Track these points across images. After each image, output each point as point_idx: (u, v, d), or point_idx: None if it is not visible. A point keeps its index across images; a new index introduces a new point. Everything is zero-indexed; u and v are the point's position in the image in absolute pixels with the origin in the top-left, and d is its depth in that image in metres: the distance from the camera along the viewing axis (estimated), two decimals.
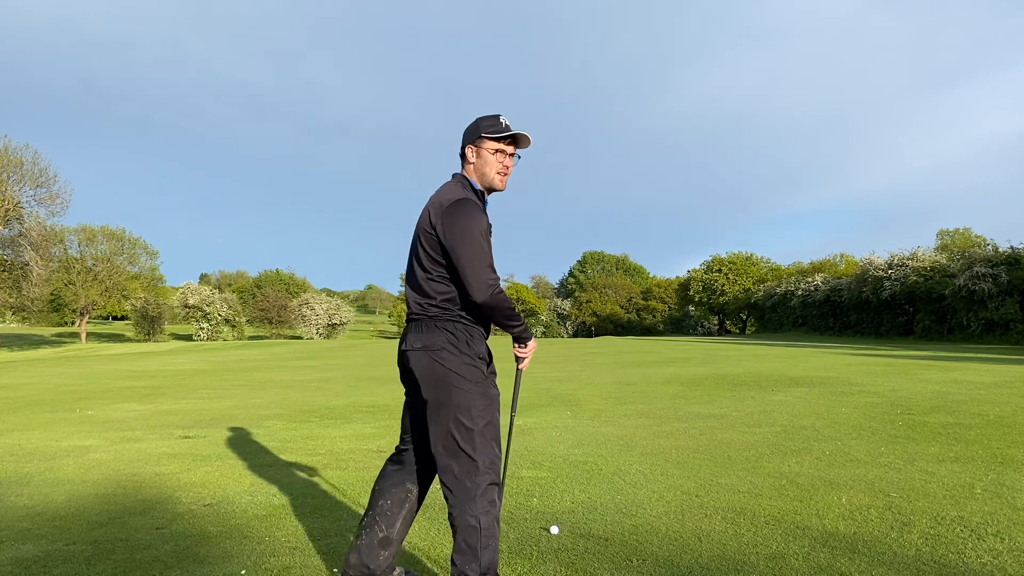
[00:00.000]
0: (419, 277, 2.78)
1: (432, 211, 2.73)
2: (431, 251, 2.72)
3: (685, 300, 71.37)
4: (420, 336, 2.74)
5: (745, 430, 6.84)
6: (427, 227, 2.73)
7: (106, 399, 11.20)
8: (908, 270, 39.27)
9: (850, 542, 3.50)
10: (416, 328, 2.77)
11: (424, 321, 2.76)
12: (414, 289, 2.81)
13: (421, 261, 2.76)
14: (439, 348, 2.70)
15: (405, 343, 2.79)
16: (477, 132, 2.82)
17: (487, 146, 2.81)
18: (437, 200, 2.76)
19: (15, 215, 40.44)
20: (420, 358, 2.72)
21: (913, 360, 16.89)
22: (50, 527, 3.95)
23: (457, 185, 2.81)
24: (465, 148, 2.85)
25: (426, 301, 2.76)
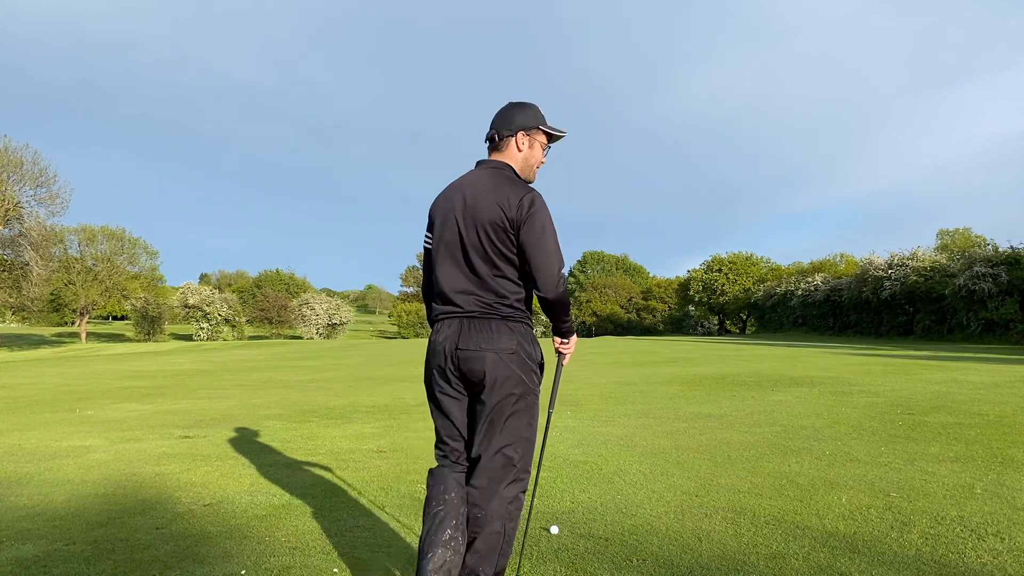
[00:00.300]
0: (483, 273, 2.60)
1: (504, 205, 2.56)
2: (502, 246, 2.58)
3: (685, 300, 71.36)
4: (489, 337, 2.57)
5: (745, 430, 6.84)
6: (499, 221, 2.56)
7: (106, 399, 11.20)
8: (908, 270, 39.27)
9: (850, 542, 3.50)
10: (480, 328, 2.58)
11: (494, 321, 2.60)
12: (474, 285, 2.61)
13: (488, 256, 2.59)
14: (512, 352, 2.59)
15: (464, 342, 2.58)
16: (536, 121, 2.74)
17: (540, 139, 2.75)
18: (502, 193, 2.59)
19: (15, 215, 40.47)
20: (490, 360, 2.56)
21: (913, 360, 16.89)
22: (50, 527, 3.95)
23: (511, 175, 2.70)
24: (517, 134, 2.72)
25: (496, 300, 2.61)
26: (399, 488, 4.72)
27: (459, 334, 2.61)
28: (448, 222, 2.67)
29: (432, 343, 2.71)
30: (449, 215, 2.67)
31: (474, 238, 2.60)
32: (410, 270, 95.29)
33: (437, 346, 2.67)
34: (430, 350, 2.72)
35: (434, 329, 2.73)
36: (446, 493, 2.62)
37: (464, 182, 2.72)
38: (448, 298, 2.65)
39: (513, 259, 2.61)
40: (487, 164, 2.75)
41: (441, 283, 2.67)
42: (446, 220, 2.68)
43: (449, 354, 2.62)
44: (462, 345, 2.59)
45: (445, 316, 2.67)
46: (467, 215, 2.61)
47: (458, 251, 2.64)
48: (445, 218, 2.68)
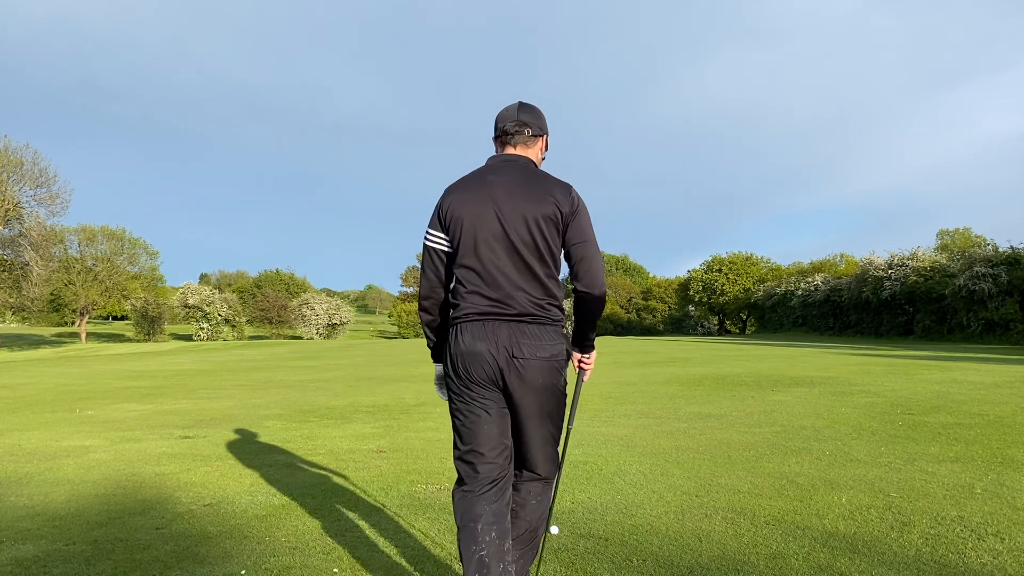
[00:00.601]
0: (537, 272, 2.45)
1: (555, 198, 2.45)
2: (552, 243, 2.47)
3: (685, 300, 71.38)
4: (542, 345, 2.44)
5: (745, 430, 6.84)
6: (551, 215, 2.44)
7: (106, 399, 11.20)
8: (908, 270, 39.28)
9: (850, 542, 3.50)
10: (535, 333, 2.44)
11: (547, 326, 2.47)
12: (526, 284, 2.45)
13: (540, 253, 2.45)
14: (563, 358, 2.52)
15: (518, 349, 2.42)
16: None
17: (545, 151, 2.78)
18: (550, 186, 2.49)
19: (15, 215, 40.46)
20: (547, 368, 2.45)
21: (913, 360, 16.89)
22: (50, 527, 3.95)
23: (543, 170, 2.64)
24: (545, 136, 2.70)
25: (548, 301, 2.48)
26: (399, 488, 4.71)
27: (511, 339, 2.43)
28: (486, 217, 2.46)
29: (467, 346, 2.46)
30: (487, 209, 2.46)
31: (525, 233, 2.44)
32: (410, 270, 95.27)
33: (477, 350, 2.43)
34: (464, 354, 2.46)
35: (464, 331, 2.48)
36: (486, 534, 2.40)
37: (496, 175, 2.53)
38: (491, 297, 2.45)
39: (559, 257, 2.51)
40: (514, 158, 2.60)
41: (482, 281, 2.46)
42: (483, 215, 2.46)
43: (500, 360, 2.43)
44: (517, 353, 2.42)
45: (485, 318, 2.45)
46: (514, 209, 2.44)
47: (504, 248, 2.45)
48: (481, 213, 2.46)
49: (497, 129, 2.65)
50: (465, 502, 2.49)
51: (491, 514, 2.44)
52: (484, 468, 2.49)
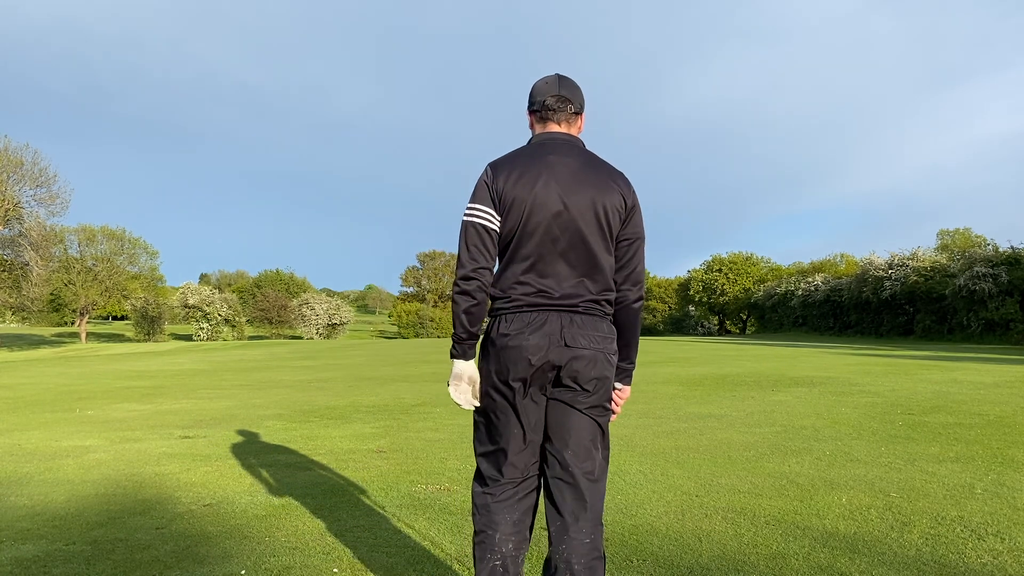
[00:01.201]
0: (603, 264, 2.30)
1: (621, 189, 2.32)
2: (615, 234, 2.32)
3: (685, 300, 71.36)
4: (596, 337, 2.28)
5: (745, 430, 6.84)
6: (619, 207, 2.30)
7: (106, 399, 11.20)
8: (908, 270, 39.28)
9: (850, 542, 3.50)
10: (587, 324, 2.28)
11: (599, 319, 2.32)
12: (587, 277, 2.29)
13: (607, 246, 2.31)
14: (614, 353, 2.36)
15: (573, 339, 2.24)
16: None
17: None
18: (614, 175, 2.35)
19: (15, 215, 40.45)
20: (600, 362, 2.28)
21: (913, 360, 16.89)
22: (50, 527, 3.95)
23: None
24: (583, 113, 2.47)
25: (606, 296, 2.32)
26: (399, 488, 4.71)
27: (562, 329, 2.24)
28: (550, 200, 2.25)
29: (511, 339, 2.25)
30: (550, 192, 2.26)
31: (592, 221, 2.27)
32: (410, 270, 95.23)
33: (529, 344, 2.23)
34: (508, 347, 2.25)
35: (508, 322, 2.28)
36: (503, 544, 2.30)
37: (557, 155, 2.33)
38: (548, 287, 2.27)
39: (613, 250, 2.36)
40: (569, 137, 2.40)
41: (539, 269, 2.28)
42: (546, 197, 2.25)
43: (549, 351, 2.23)
44: (571, 342, 2.23)
45: (533, 308, 2.27)
46: (582, 195, 2.27)
47: (569, 234, 2.27)
48: (544, 195, 2.26)
49: (535, 103, 2.42)
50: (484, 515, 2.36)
51: (511, 523, 2.33)
52: (504, 473, 2.34)
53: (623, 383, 2.45)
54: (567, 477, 2.28)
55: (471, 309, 2.29)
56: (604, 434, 2.36)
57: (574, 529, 2.25)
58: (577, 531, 2.25)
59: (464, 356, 2.35)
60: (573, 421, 2.29)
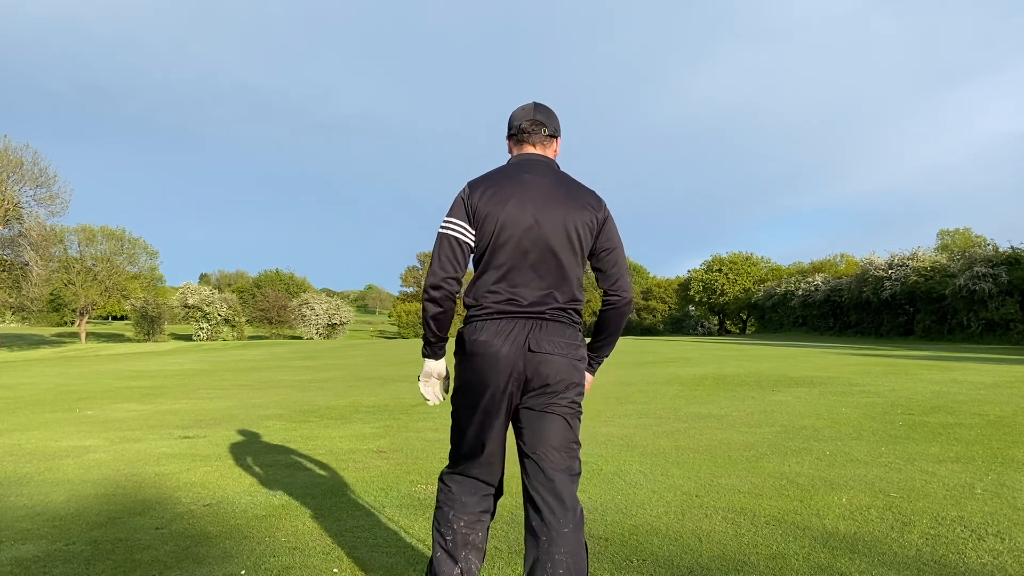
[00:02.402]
0: (571, 276, 2.47)
1: (591, 205, 2.51)
2: (586, 248, 2.51)
3: (685, 300, 71.37)
4: (562, 342, 2.43)
5: (745, 430, 6.84)
6: (590, 222, 2.49)
7: (106, 399, 11.19)
8: (908, 270, 39.29)
9: (850, 542, 3.50)
10: (554, 330, 2.43)
11: (567, 326, 2.48)
12: (555, 287, 2.45)
13: (576, 259, 2.48)
14: (581, 360, 2.50)
15: (537, 344, 2.39)
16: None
17: None
18: (584, 192, 2.54)
19: (15, 215, 40.44)
20: (565, 365, 2.42)
21: (913, 360, 16.89)
22: (50, 527, 3.95)
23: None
24: (559, 138, 2.67)
25: (574, 304, 2.50)
26: (399, 488, 4.71)
27: (529, 335, 2.39)
28: (523, 216, 2.42)
29: (481, 345, 2.40)
30: (524, 209, 2.42)
31: (563, 237, 2.44)
32: (410, 270, 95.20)
33: (499, 353, 2.37)
34: (478, 354, 2.40)
35: (479, 329, 2.43)
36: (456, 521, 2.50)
37: (531, 174, 2.51)
38: (518, 297, 2.42)
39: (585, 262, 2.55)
40: (542, 158, 2.59)
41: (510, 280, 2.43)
42: (520, 214, 2.42)
43: (517, 357, 2.38)
44: (536, 348, 2.38)
45: (503, 316, 2.42)
46: (553, 212, 2.44)
47: (539, 249, 2.43)
48: (517, 212, 2.42)
49: (512, 127, 2.63)
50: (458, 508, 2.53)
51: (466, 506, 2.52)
52: (477, 475, 2.54)
53: (589, 372, 2.64)
54: (545, 480, 2.40)
55: (438, 316, 2.48)
56: (576, 433, 2.48)
57: (555, 525, 2.34)
58: (559, 526, 2.34)
59: (435, 356, 2.58)
60: (545, 424, 2.42)
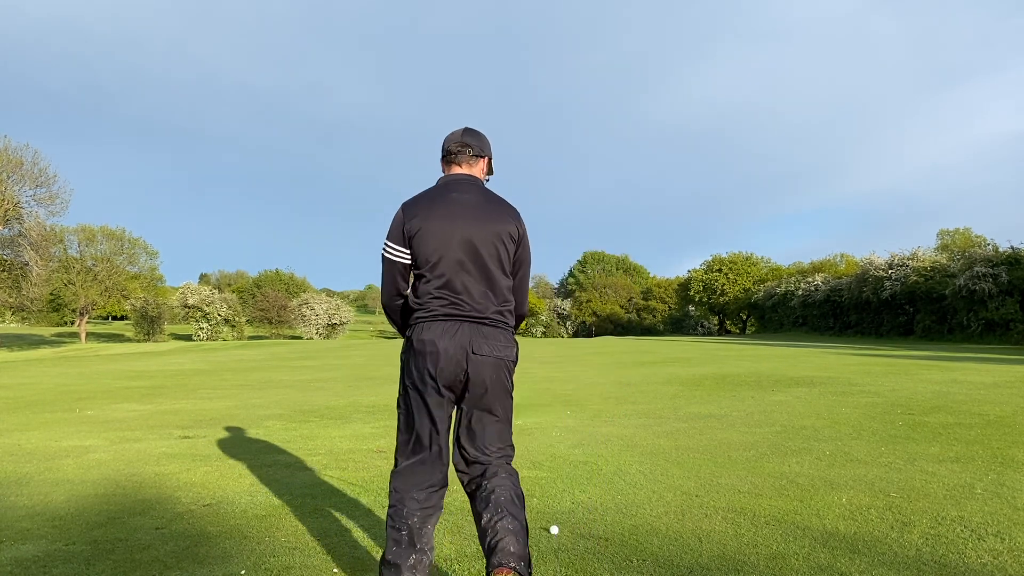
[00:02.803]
0: (501, 284, 2.79)
1: (513, 219, 2.82)
2: (510, 258, 2.83)
3: (685, 300, 71.38)
4: (498, 345, 2.74)
5: (745, 430, 6.84)
6: (513, 234, 2.81)
7: (106, 399, 11.19)
8: (908, 270, 39.28)
9: (850, 542, 3.50)
10: (492, 335, 2.73)
11: (502, 330, 2.78)
12: (489, 293, 2.75)
13: (503, 267, 2.79)
14: (513, 360, 2.83)
15: (478, 347, 2.69)
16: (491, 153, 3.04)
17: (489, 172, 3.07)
18: (507, 208, 2.85)
19: (15, 215, 40.41)
20: (498, 366, 2.74)
21: (913, 360, 16.89)
22: (50, 527, 3.95)
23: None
24: (487, 157, 2.98)
25: (506, 309, 2.81)
26: None
27: (471, 339, 2.69)
28: (454, 232, 2.72)
29: (427, 344, 2.69)
30: (454, 225, 2.72)
31: (491, 248, 2.74)
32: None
33: (442, 351, 2.67)
34: (424, 353, 2.69)
35: (426, 329, 2.71)
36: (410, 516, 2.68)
37: (459, 192, 2.81)
38: (456, 302, 2.71)
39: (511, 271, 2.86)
40: (468, 177, 2.89)
41: (448, 289, 2.72)
42: (451, 230, 2.72)
43: (457, 358, 2.67)
44: (477, 350, 2.68)
45: (447, 319, 2.71)
46: (480, 226, 2.74)
47: (471, 260, 2.73)
48: (448, 228, 2.72)
49: (443, 150, 2.94)
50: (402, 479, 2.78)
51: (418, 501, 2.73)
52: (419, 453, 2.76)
53: None
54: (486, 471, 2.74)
55: (397, 320, 2.97)
56: (509, 422, 2.85)
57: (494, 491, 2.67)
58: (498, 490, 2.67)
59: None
60: (484, 419, 2.77)
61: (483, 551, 2.60)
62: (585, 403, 9.30)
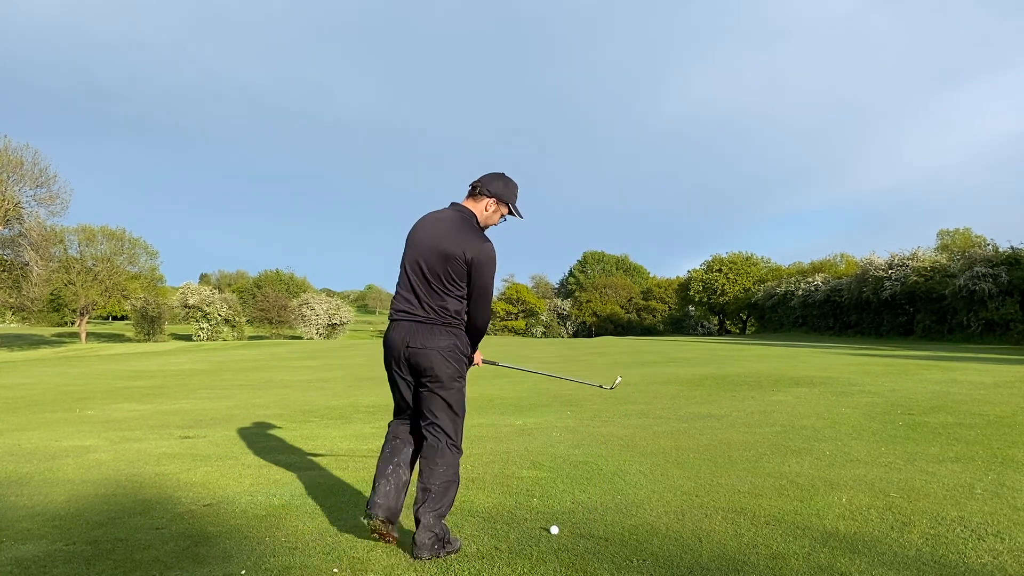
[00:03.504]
0: (440, 293, 3.37)
1: (465, 244, 3.33)
2: (455, 275, 3.35)
3: (685, 300, 71.38)
4: (429, 338, 3.37)
5: (745, 430, 6.84)
6: (458, 254, 3.32)
7: (106, 399, 11.20)
8: (908, 270, 39.28)
9: (850, 542, 3.50)
10: (427, 331, 3.37)
11: (437, 327, 3.39)
12: (428, 298, 3.38)
13: (442, 281, 3.36)
14: (449, 349, 3.39)
15: (413, 341, 3.37)
16: (508, 197, 3.53)
17: (503, 210, 3.56)
18: (464, 235, 3.36)
19: (15, 215, 40.42)
20: (433, 356, 3.35)
21: (913, 360, 16.89)
22: (50, 527, 3.95)
23: (475, 222, 3.47)
24: (492, 198, 3.50)
25: (443, 309, 3.38)
26: None
27: (408, 334, 3.39)
28: (421, 247, 3.41)
29: (386, 339, 3.51)
30: (423, 241, 3.42)
31: (436, 265, 3.36)
32: None
33: (391, 342, 3.47)
34: (385, 345, 3.52)
35: (389, 328, 3.51)
36: (395, 438, 3.58)
37: (438, 217, 3.47)
38: (406, 304, 3.43)
39: (460, 285, 3.37)
40: (459, 207, 3.52)
41: (403, 293, 3.45)
42: (420, 245, 3.42)
43: (401, 349, 3.41)
44: (412, 343, 3.38)
45: (399, 319, 3.45)
46: (435, 246, 3.37)
47: (422, 271, 3.39)
48: (420, 243, 3.42)
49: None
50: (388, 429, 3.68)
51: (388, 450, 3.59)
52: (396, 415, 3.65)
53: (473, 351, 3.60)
54: (431, 439, 3.42)
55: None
56: (451, 404, 3.41)
57: (433, 467, 3.36)
58: (435, 467, 3.35)
59: None
60: (427, 399, 3.42)
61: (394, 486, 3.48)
62: (585, 403, 9.30)
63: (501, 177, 3.55)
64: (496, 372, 15.82)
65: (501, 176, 3.55)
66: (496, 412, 8.64)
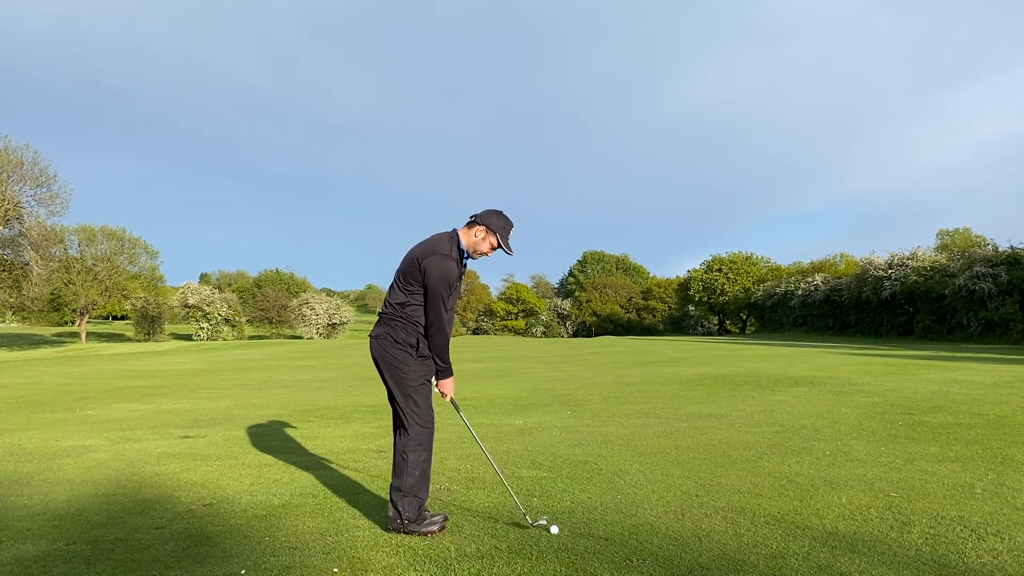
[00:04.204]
0: (402, 295, 3.86)
1: (425, 251, 3.78)
2: (411, 282, 3.81)
3: (685, 300, 71.36)
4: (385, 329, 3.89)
5: (745, 430, 6.84)
6: (417, 258, 3.81)
7: (106, 399, 11.20)
8: (908, 270, 39.27)
9: (850, 542, 3.50)
10: (385, 324, 3.89)
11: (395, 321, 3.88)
12: (395, 297, 3.88)
13: (405, 283, 3.84)
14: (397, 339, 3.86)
15: (375, 334, 3.93)
16: (498, 230, 3.85)
17: (492, 240, 3.86)
18: (430, 247, 3.80)
19: (15, 215, 40.42)
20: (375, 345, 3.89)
21: (913, 360, 16.89)
22: (50, 527, 3.95)
23: (448, 241, 3.84)
24: (482, 225, 3.85)
25: (399, 307, 3.86)
26: None
27: (380, 328, 3.92)
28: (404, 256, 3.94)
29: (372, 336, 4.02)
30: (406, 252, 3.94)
31: (404, 272, 3.85)
32: None
33: (373, 336, 3.96)
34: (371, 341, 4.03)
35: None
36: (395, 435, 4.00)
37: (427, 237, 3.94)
38: (384, 305, 3.95)
39: (416, 291, 3.79)
40: (451, 230, 3.92)
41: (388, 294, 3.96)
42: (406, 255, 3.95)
43: (371, 342, 3.94)
44: (374, 335, 3.93)
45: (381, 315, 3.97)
46: (407, 256, 3.87)
47: (396, 277, 3.92)
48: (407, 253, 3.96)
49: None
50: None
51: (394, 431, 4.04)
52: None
53: (439, 378, 3.94)
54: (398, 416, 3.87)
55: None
56: (403, 390, 3.81)
57: (401, 437, 3.83)
58: (402, 439, 3.82)
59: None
60: (389, 384, 3.87)
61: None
62: (585, 403, 9.30)
63: (497, 212, 3.92)
64: (497, 372, 15.81)
65: (498, 212, 3.93)
66: (496, 412, 8.64)
